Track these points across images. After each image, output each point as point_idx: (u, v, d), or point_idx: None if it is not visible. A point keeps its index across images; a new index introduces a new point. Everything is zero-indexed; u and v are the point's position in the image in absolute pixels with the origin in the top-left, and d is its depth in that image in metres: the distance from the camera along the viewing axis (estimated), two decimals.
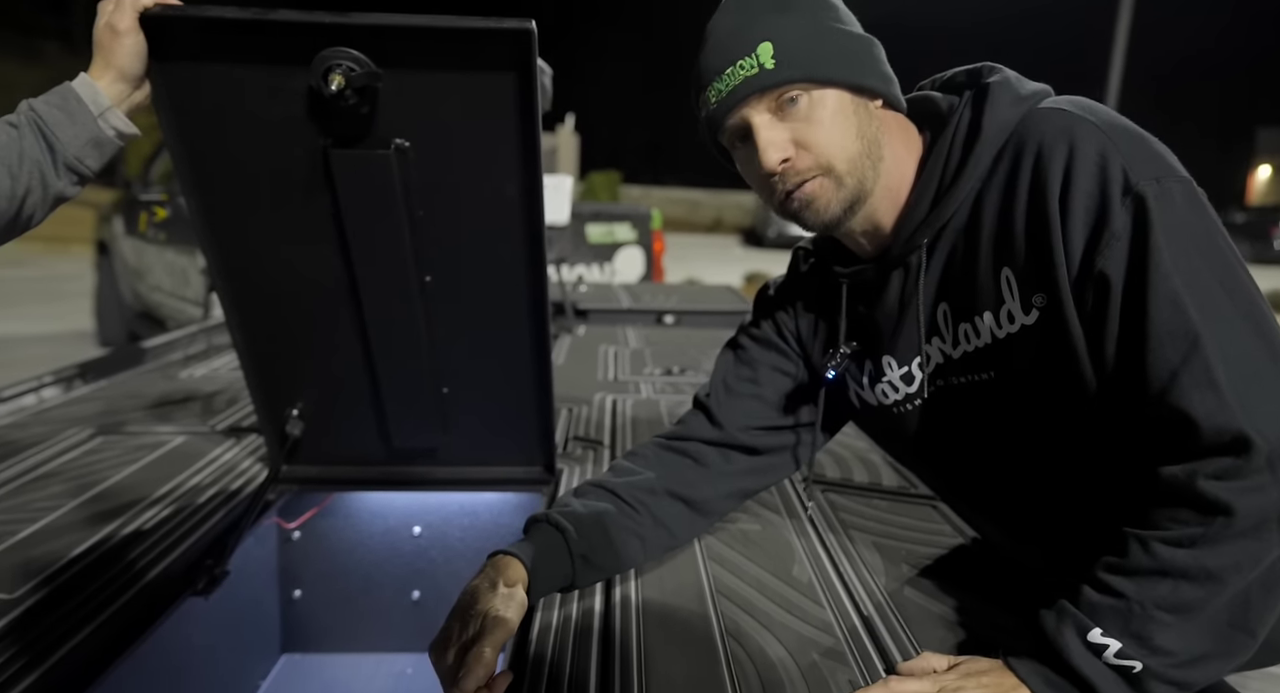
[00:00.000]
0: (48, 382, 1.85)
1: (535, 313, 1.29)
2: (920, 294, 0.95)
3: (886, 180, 0.94)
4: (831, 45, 0.89)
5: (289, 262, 1.23)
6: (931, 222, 0.92)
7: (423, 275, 1.24)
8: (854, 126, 0.90)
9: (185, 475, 1.42)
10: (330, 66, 1.00)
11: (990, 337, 0.91)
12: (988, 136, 0.87)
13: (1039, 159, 0.84)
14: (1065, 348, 0.85)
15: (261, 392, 1.35)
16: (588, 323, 2.96)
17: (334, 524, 1.58)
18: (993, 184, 0.89)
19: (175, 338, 2.36)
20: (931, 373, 1.00)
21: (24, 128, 0.87)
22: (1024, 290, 0.86)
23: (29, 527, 1.20)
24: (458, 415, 1.41)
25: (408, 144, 1.11)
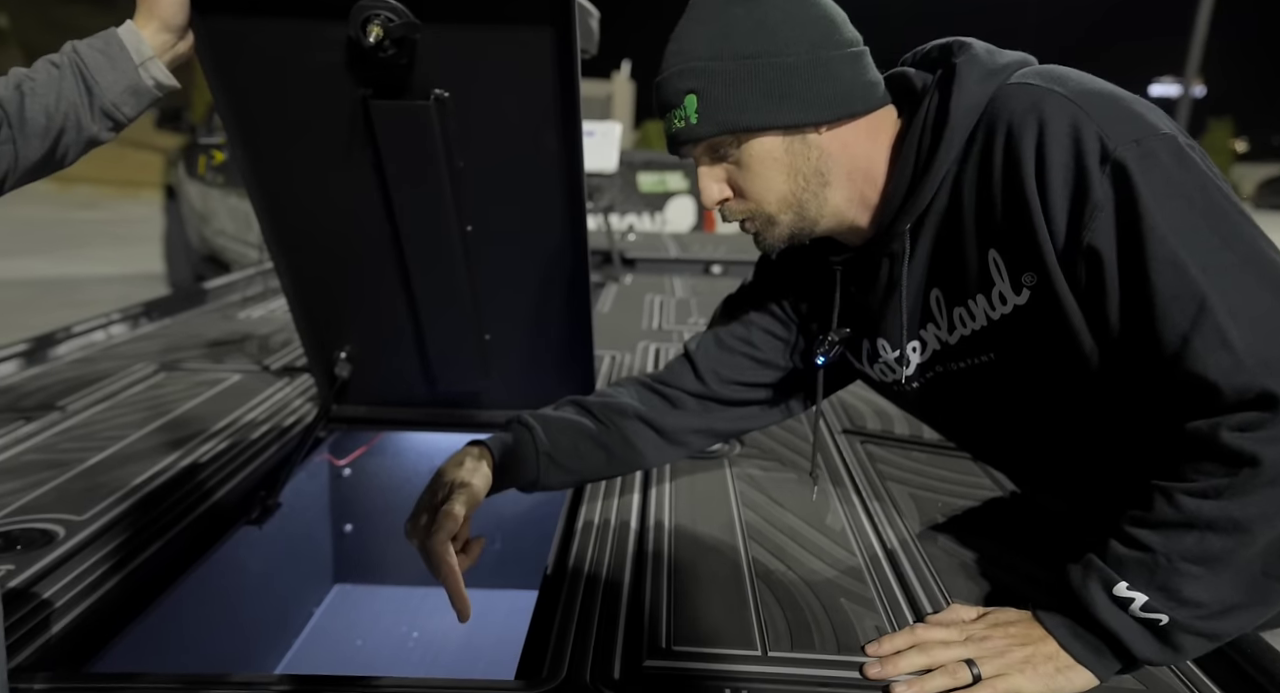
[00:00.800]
0: (115, 319, 1.93)
1: (575, 261, 1.29)
2: (905, 279, 0.94)
3: (843, 195, 0.92)
4: (759, 89, 0.86)
5: (333, 210, 1.25)
6: (909, 209, 0.90)
7: (464, 225, 1.25)
8: (784, 167, 0.89)
9: (241, 411, 1.48)
10: (368, 17, 1.01)
11: (985, 319, 0.89)
12: (955, 121, 0.84)
13: (1009, 139, 0.81)
14: (1062, 324, 0.83)
15: (310, 334, 1.39)
16: (635, 272, 2.96)
17: (382, 462, 1.63)
18: (968, 167, 0.86)
19: (234, 280, 2.43)
20: (928, 360, 0.99)
21: (65, 68, 0.88)
22: (1013, 271, 0.84)
23: (97, 454, 1.26)
24: (500, 361, 1.43)
25: (447, 95, 1.11)
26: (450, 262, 1.29)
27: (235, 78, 1.12)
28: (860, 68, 0.88)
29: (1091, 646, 0.78)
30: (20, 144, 0.84)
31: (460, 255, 1.28)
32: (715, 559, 1.03)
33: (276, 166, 1.22)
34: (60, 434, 1.33)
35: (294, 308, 1.36)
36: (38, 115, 0.85)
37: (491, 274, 1.32)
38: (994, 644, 0.81)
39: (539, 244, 1.28)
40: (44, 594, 0.91)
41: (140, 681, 0.77)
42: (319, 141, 1.18)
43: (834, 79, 0.86)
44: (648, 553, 1.04)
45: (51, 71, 0.87)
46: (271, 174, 1.23)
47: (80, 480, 1.18)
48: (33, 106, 0.84)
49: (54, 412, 1.42)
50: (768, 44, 0.85)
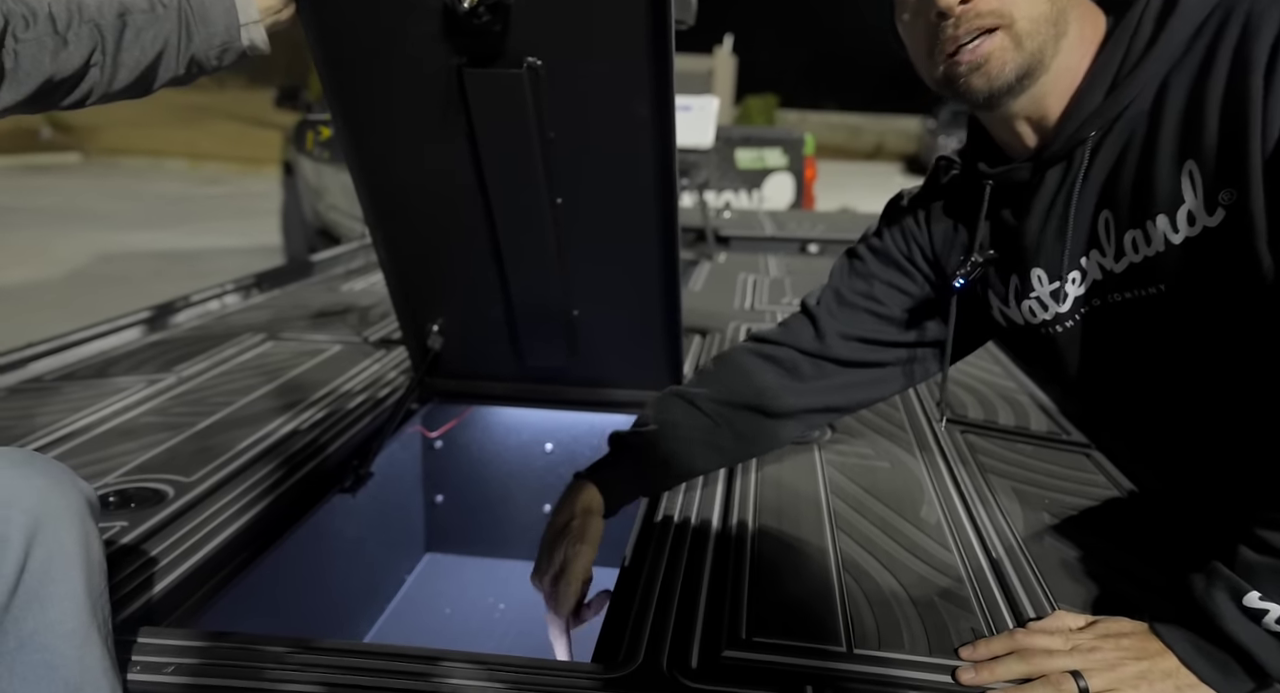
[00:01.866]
0: (229, 289, 2.03)
1: (665, 237, 1.27)
2: (1076, 198, 0.85)
3: (1066, 59, 0.83)
4: None
5: (428, 181, 1.27)
6: (1104, 111, 0.81)
7: (554, 197, 1.24)
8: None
9: (339, 381, 1.53)
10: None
11: (1164, 243, 0.79)
12: (1186, 8, 0.75)
13: (1245, 33, 0.71)
14: (1251, 253, 0.73)
15: (404, 307, 1.41)
16: (729, 250, 2.91)
17: (473, 436, 1.66)
18: (1185, 65, 0.76)
19: (339, 253, 2.52)
20: (1086, 292, 0.89)
21: (171, 9, 0.91)
22: (1210, 186, 0.74)
23: (206, 419, 1.33)
24: (588, 337, 1.42)
25: (540, 63, 1.10)
26: (540, 234, 1.28)
27: (336, 46, 1.14)
28: None
29: (1218, 663, 0.70)
30: (110, 70, 0.87)
31: (550, 228, 1.27)
32: (801, 550, 1.00)
33: (374, 136, 1.24)
34: (174, 399, 1.40)
35: (389, 279, 1.39)
36: (132, 48, 0.88)
37: (580, 249, 1.31)
38: (1104, 656, 0.74)
39: (628, 219, 1.26)
40: (152, 552, 0.95)
41: (237, 639, 0.80)
42: (415, 111, 1.19)
43: None
44: (730, 540, 1.02)
45: (158, 9, 0.91)
46: (369, 144, 1.25)
47: (190, 443, 1.24)
48: (130, 38, 0.88)
49: (170, 376, 1.50)
50: None
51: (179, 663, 0.76)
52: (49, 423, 1.29)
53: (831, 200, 10.24)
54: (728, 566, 0.96)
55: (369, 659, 0.78)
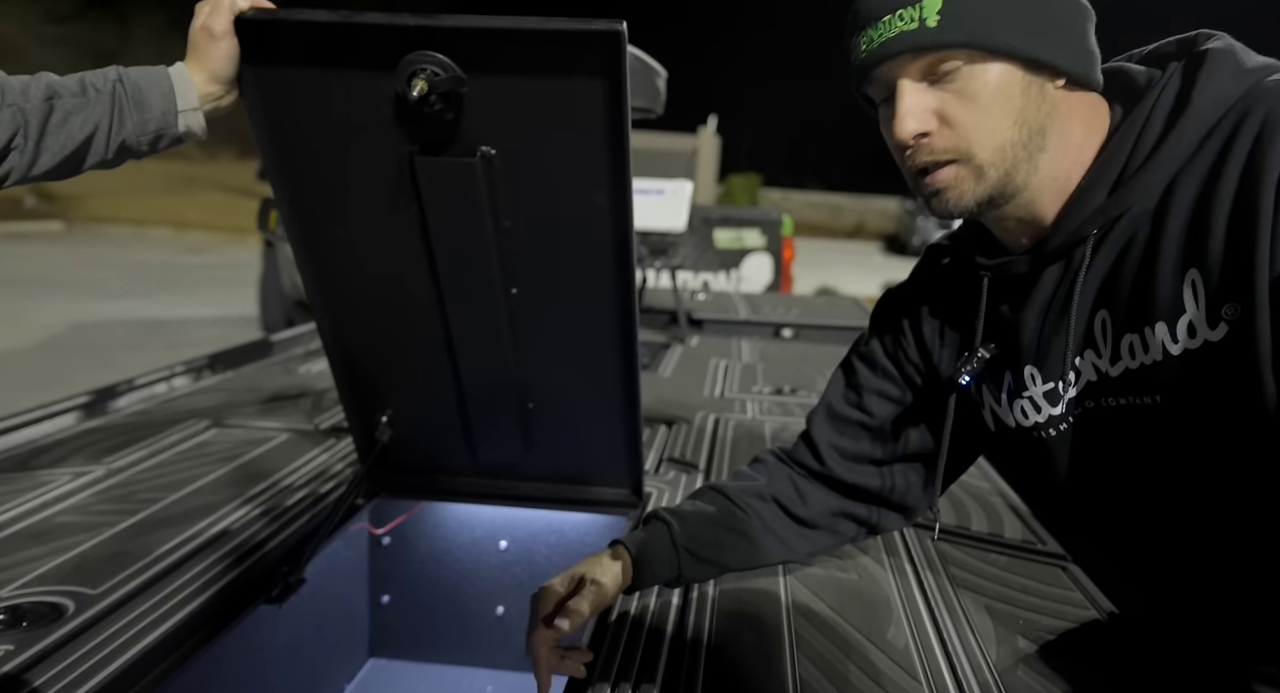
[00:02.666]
0: (179, 371, 1.95)
1: (624, 328, 1.22)
2: (1077, 297, 0.80)
3: (1050, 171, 0.80)
4: (1016, 6, 0.74)
5: (377, 269, 1.22)
6: (1107, 209, 0.77)
7: (509, 287, 1.20)
8: (1015, 110, 0.77)
9: (281, 475, 1.45)
10: (414, 71, 0.97)
11: (1162, 352, 0.75)
12: (1198, 110, 0.72)
13: (1259, 141, 0.68)
14: (1255, 375, 0.69)
15: (351, 398, 1.35)
16: (702, 333, 2.87)
17: (423, 532, 1.57)
18: (1194, 168, 0.73)
19: (300, 333, 2.46)
20: (1081, 392, 0.84)
21: (104, 94, 0.88)
22: (1213, 298, 0.70)
23: (128, 519, 1.24)
24: (543, 432, 1.36)
25: (494, 152, 1.07)
26: (494, 325, 1.23)
27: (281, 129, 1.11)
28: (1094, 39, 0.80)
29: None
30: (31, 154, 0.83)
31: (505, 319, 1.23)
32: (758, 675, 0.92)
33: (322, 223, 1.19)
34: (98, 495, 1.32)
35: (335, 369, 1.33)
36: (58, 133, 0.84)
37: (536, 340, 1.26)
38: None
39: (586, 309, 1.21)
40: (36, 682, 0.86)
41: None
42: (364, 198, 1.15)
43: (1083, 35, 0.78)
44: (683, 662, 0.94)
45: (89, 92, 0.87)
46: (317, 230, 1.20)
47: (105, 547, 1.15)
48: (56, 123, 0.84)
49: (99, 468, 1.41)
50: None
51: None
52: None
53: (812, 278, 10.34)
54: (683, 654, 0.89)
55: None
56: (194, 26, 0.97)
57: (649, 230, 2.59)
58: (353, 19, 0.99)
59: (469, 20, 0.97)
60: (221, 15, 0.96)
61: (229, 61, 0.97)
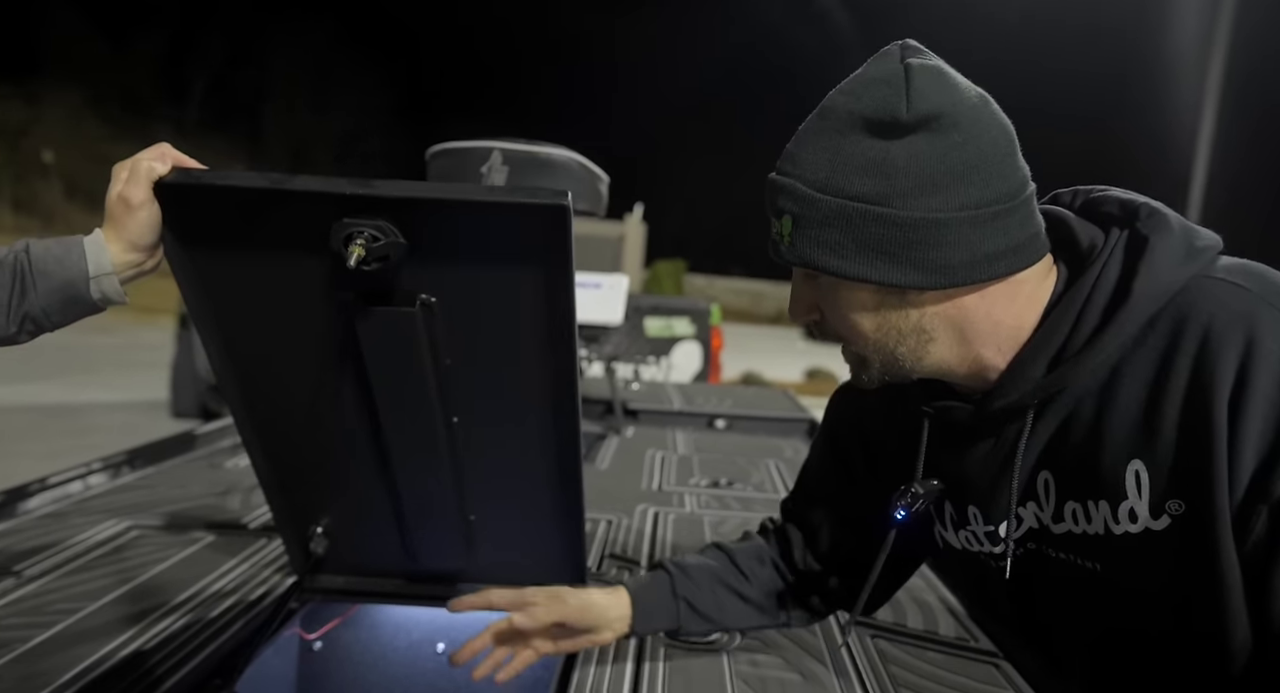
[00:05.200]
0: (95, 469, 1.86)
1: (566, 441, 1.23)
2: (1019, 460, 0.80)
3: (956, 352, 0.80)
4: (856, 236, 0.74)
5: (313, 403, 1.19)
6: (1046, 386, 0.77)
7: (449, 416, 1.20)
8: (872, 319, 0.79)
9: (209, 580, 1.39)
10: (350, 234, 0.93)
11: (1103, 527, 0.76)
12: (1137, 304, 0.72)
13: (1205, 347, 0.69)
14: (1202, 565, 0.70)
15: (284, 511, 1.31)
16: (637, 423, 2.90)
17: (356, 636, 1.52)
18: (1139, 357, 0.73)
19: (226, 425, 2.38)
20: (1025, 535, 0.86)
21: (5, 266, 0.85)
22: (1157, 492, 0.72)
23: (43, 633, 1.17)
24: (485, 537, 1.35)
25: (434, 299, 1.06)
26: (433, 450, 1.22)
27: (208, 287, 1.08)
28: (1005, 229, 0.74)
29: None
30: None
31: (444, 445, 1.22)
32: None
33: (253, 361, 1.16)
34: (8, 607, 1.24)
35: (265, 485, 1.28)
36: None
37: (477, 460, 1.25)
38: None
39: (528, 427, 1.22)
40: None
41: None
42: (298, 343, 1.13)
43: (955, 245, 0.73)
44: None
45: None
46: (246, 368, 1.17)
47: (16, 667, 1.08)
48: None
49: (8, 578, 1.33)
50: (881, 189, 0.72)
51: None
52: None
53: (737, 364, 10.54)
54: None
55: None
56: (110, 195, 0.92)
57: (585, 323, 2.64)
58: (284, 184, 0.94)
59: (409, 188, 0.94)
60: (139, 185, 0.92)
61: (148, 230, 0.93)
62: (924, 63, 0.73)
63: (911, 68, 0.72)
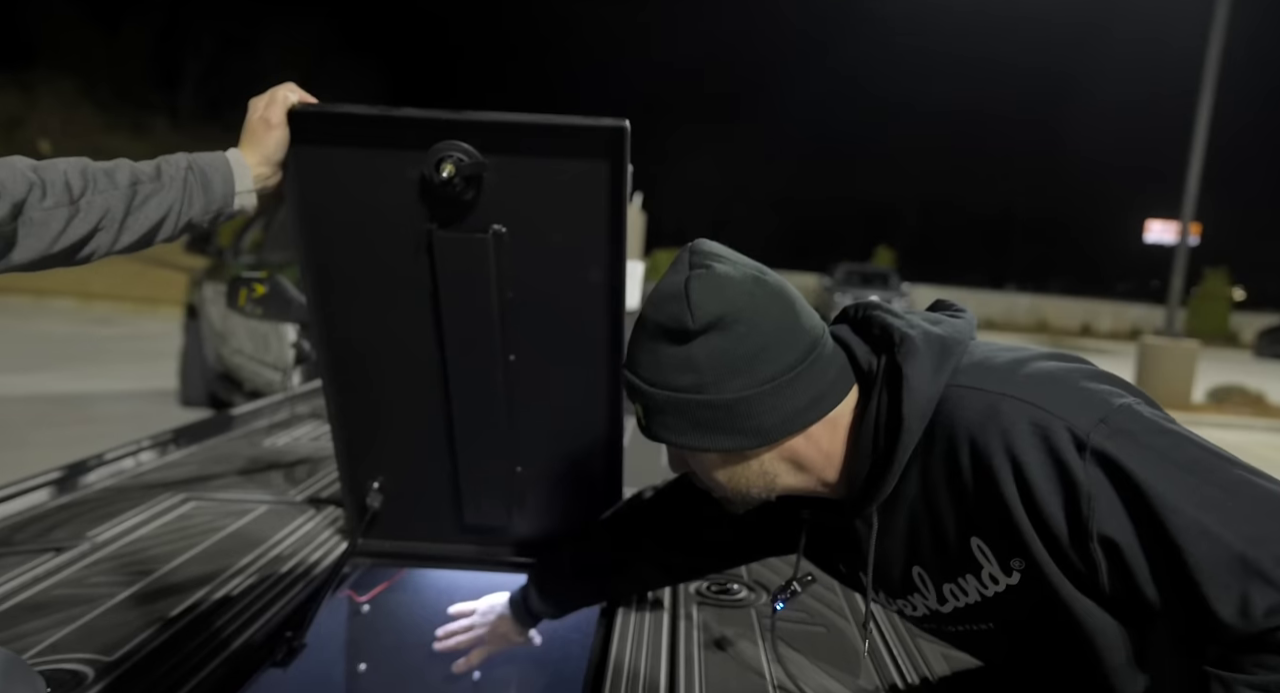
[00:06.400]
0: (145, 446, 1.95)
1: (611, 397, 1.34)
2: (871, 555, 0.94)
3: (800, 480, 0.93)
4: (688, 419, 0.87)
5: (387, 337, 1.32)
6: (872, 494, 0.91)
7: (507, 354, 1.31)
8: (722, 473, 0.92)
9: (268, 544, 1.48)
10: (443, 156, 1.13)
11: (978, 595, 0.90)
12: (909, 425, 0.86)
13: (975, 449, 0.83)
14: (1058, 599, 0.84)
15: (348, 463, 1.41)
16: None
17: (402, 600, 1.61)
18: (933, 461, 0.87)
19: (261, 406, 2.47)
20: (924, 617, 0.99)
21: (177, 181, 0.99)
22: (1000, 556, 0.86)
23: (125, 589, 1.26)
24: (528, 496, 1.45)
25: (504, 230, 1.21)
26: (490, 390, 1.34)
27: (316, 207, 1.23)
28: (804, 388, 0.87)
29: None
30: (115, 234, 0.93)
31: (500, 384, 1.33)
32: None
33: (341, 292, 1.30)
34: (89, 567, 1.33)
35: (336, 434, 1.40)
36: (138, 214, 0.95)
37: (527, 405, 1.36)
38: None
39: (576, 377, 1.33)
40: None
41: None
42: (383, 270, 1.27)
43: (766, 412, 0.86)
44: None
45: (164, 178, 0.98)
46: (335, 299, 1.31)
47: (109, 617, 1.17)
48: (137, 205, 0.95)
49: (83, 543, 1.42)
50: (694, 381, 0.86)
51: None
52: None
53: None
54: None
55: None
56: (251, 118, 1.11)
57: None
58: (390, 112, 1.14)
59: (491, 115, 1.14)
60: (277, 108, 1.11)
61: (280, 147, 1.11)
62: (701, 275, 0.85)
63: (690, 281, 0.85)
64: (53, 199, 0.87)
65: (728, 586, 1.39)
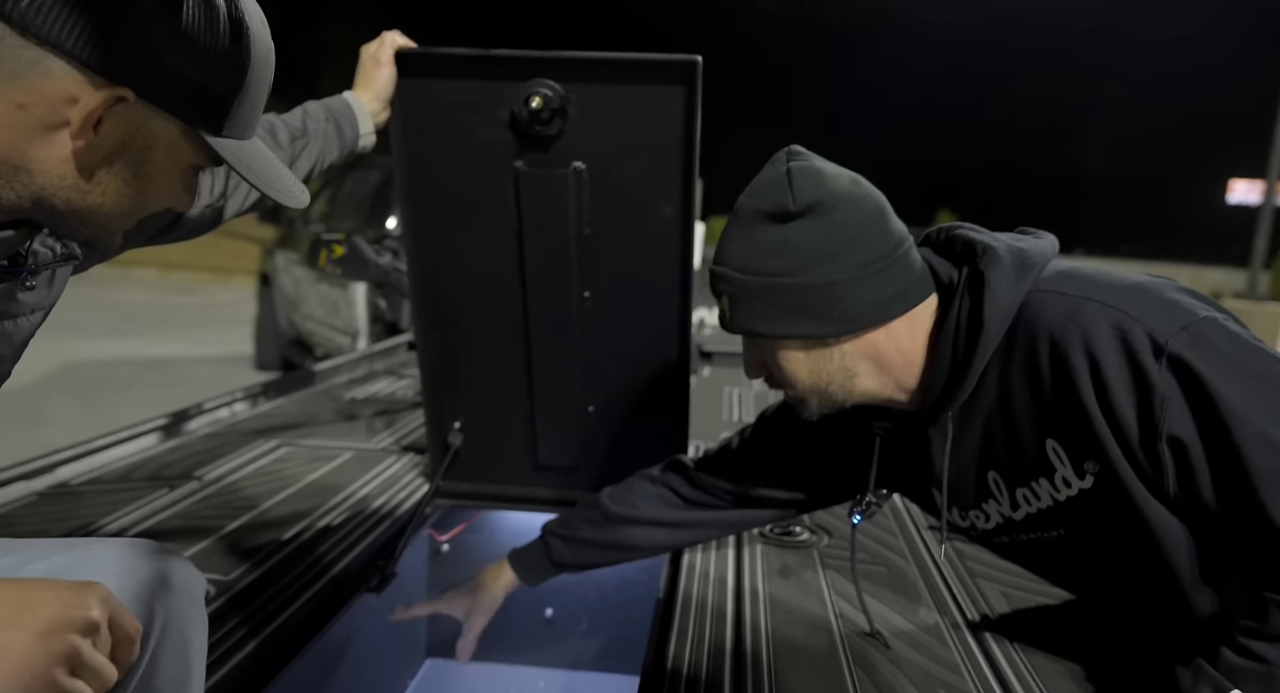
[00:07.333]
0: (239, 397, 2.09)
1: (680, 336, 1.40)
2: (946, 463, 0.97)
3: (876, 384, 0.96)
4: (776, 304, 0.91)
5: (473, 272, 1.42)
6: (950, 399, 0.94)
7: (582, 290, 1.38)
8: (803, 366, 0.95)
9: (356, 486, 1.59)
10: (532, 92, 1.24)
11: (1050, 500, 0.93)
12: (990, 328, 0.88)
13: (1055, 350, 0.85)
14: (1129, 506, 0.86)
15: (433, 402, 1.51)
16: (712, 365, 3.05)
17: (479, 539, 1.70)
18: (1012, 367, 0.90)
19: (340, 363, 2.60)
20: (993, 529, 1.02)
21: (319, 132, 1.10)
22: (1074, 459, 0.88)
23: (232, 522, 1.38)
24: (599, 436, 1.52)
25: (584, 166, 1.30)
26: (565, 327, 1.42)
27: (416, 145, 1.33)
28: (891, 279, 0.91)
29: None
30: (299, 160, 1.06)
31: (576, 321, 1.41)
32: (811, 643, 1.07)
33: (434, 229, 1.40)
34: (200, 502, 1.45)
35: (423, 375, 1.50)
36: (298, 171, 1.07)
37: (600, 342, 1.44)
38: None
39: (646, 316, 1.40)
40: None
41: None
42: (473, 206, 1.37)
43: (852, 299, 0.90)
44: (745, 636, 1.09)
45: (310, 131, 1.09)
46: (430, 239, 1.40)
47: (221, 544, 1.28)
48: (296, 160, 1.07)
49: (192, 481, 1.55)
50: (787, 264, 0.90)
51: None
52: (83, 526, 1.32)
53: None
54: (745, 658, 1.03)
55: None
56: (364, 59, 1.23)
57: None
58: (485, 52, 1.26)
59: (575, 53, 1.25)
60: (386, 49, 1.23)
61: (389, 84, 1.22)
62: (801, 165, 0.92)
63: (792, 170, 0.91)
64: None
65: (790, 528, 1.44)
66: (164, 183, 0.67)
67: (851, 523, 1.10)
